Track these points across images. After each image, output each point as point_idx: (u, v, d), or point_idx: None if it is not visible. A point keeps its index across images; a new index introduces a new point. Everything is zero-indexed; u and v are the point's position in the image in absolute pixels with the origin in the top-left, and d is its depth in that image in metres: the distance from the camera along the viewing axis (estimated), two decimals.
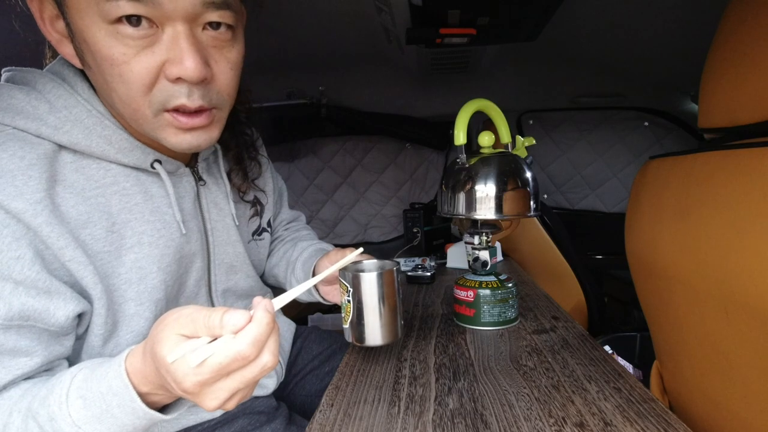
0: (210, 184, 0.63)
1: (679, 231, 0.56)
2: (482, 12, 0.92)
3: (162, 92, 0.46)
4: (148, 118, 0.48)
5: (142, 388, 0.41)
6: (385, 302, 0.59)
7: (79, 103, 0.49)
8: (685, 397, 0.65)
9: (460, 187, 0.76)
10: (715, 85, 0.55)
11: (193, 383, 0.36)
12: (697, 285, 0.53)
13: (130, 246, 0.51)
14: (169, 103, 0.47)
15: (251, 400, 0.68)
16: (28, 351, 0.45)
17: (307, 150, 1.96)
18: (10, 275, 0.42)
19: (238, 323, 0.36)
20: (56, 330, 0.46)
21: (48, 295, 0.44)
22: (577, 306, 1.46)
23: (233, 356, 0.36)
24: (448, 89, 1.69)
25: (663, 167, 0.63)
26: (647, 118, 1.81)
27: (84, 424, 0.41)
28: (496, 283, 0.80)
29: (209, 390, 0.37)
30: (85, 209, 0.48)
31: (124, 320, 0.51)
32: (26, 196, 0.43)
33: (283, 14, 1.04)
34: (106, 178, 0.51)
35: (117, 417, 0.42)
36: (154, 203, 0.54)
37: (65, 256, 0.46)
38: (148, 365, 0.40)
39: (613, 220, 1.86)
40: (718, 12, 0.54)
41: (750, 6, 0.49)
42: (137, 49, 0.44)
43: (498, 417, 0.51)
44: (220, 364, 0.36)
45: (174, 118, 0.48)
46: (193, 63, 0.44)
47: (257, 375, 0.38)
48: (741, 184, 0.47)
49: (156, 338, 0.38)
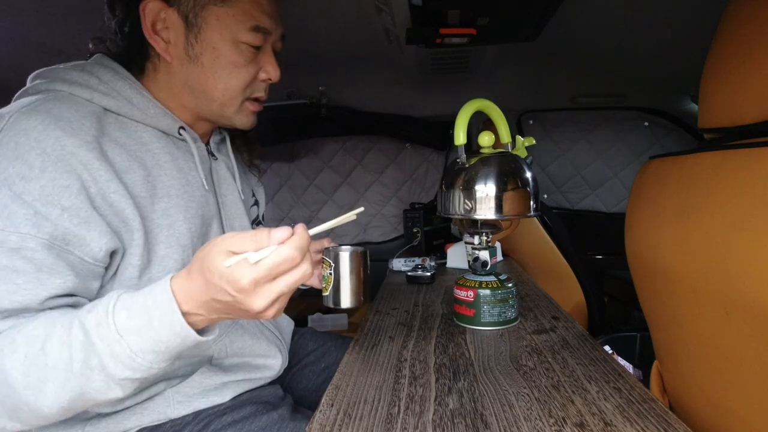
0: (220, 161, 0.73)
1: (679, 231, 0.56)
2: (482, 12, 0.92)
3: (253, 87, 0.66)
4: (236, 105, 0.66)
5: (183, 306, 0.46)
6: (356, 275, 0.74)
7: (122, 79, 0.61)
8: (685, 397, 0.65)
9: (460, 187, 0.76)
10: (715, 85, 0.55)
11: (250, 280, 0.42)
12: (697, 285, 0.53)
13: (161, 196, 0.60)
14: (253, 94, 0.67)
15: (259, 389, 0.71)
16: (63, 273, 0.50)
17: (307, 150, 1.96)
18: (59, 201, 0.50)
19: (283, 235, 0.43)
20: (89, 262, 0.52)
21: (87, 225, 0.51)
22: (577, 306, 1.46)
23: (284, 257, 0.43)
24: (448, 89, 1.69)
25: (663, 167, 0.63)
26: (647, 118, 1.81)
27: (126, 334, 0.45)
28: (496, 283, 0.80)
29: (261, 289, 0.43)
30: (127, 158, 0.57)
31: (156, 259, 0.59)
32: (81, 136, 0.53)
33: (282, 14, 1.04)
34: (142, 138, 0.61)
35: (156, 330, 0.45)
36: (180, 163, 0.64)
37: (110, 188, 0.53)
38: (194, 281, 0.45)
39: (613, 220, 1.86)
40: (718, 12, 0.54)
41: (750, 6, 0.49)
42: (249, 60, 0.64)
43: (498, 417, 0.51)
44: (274, 262, 0.43)
45: (252, 104, 0.68)
46: (277, 71, 0.67)
47: (298, 279, 0.45)
48: (741, 184, 0.47)
49: (207, 255, 0.44)
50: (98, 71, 0.60)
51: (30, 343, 0.46)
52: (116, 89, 0.60)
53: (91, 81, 0.59)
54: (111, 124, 0.58)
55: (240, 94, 0.65)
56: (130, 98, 0.61)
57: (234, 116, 0.67)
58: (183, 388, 0.64)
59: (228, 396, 0.67)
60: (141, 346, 0.45)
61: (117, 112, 0.60)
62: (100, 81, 0.59)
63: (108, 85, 0.60)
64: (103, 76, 0.60)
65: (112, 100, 0.59)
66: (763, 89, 0.46)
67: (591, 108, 1.80)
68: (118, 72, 0.61)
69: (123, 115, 0.60)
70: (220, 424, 0.62)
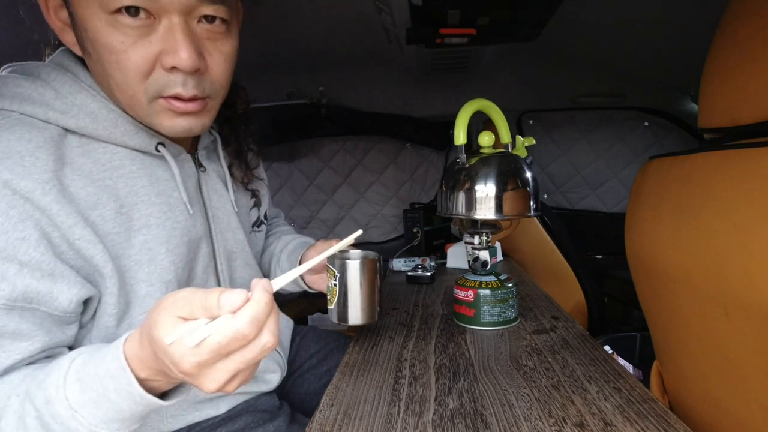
0: (210, 171, 0.64)
1: (679, 231, 0.56)
2: (482, 12, 0.92)
3: (158, 81, 0.48)
4: (143, 104, 0.50)
5: (140, 374, 0.40)
6: (366, 287, 0.64)
7: (83, 89, 0.51)
8: (685, 397, 0.65)
9: (460, 187, 0.76)
10: (715, 85, 0.54)
11: (192, 364, 0.35)
12: (697, 285, 0.53)
13: (139, 228, 0.52)
14: (164, 92, 0.49)
15: (255, 398, 0.69)
16: (30, 335, 0.45)
17: (307, 150, 1.96)
18: (15, 256, 0.42)
19: (235, 303, 0.35)
20: (59, 315, 0.46)
21: (52, 278, 0.45)
22: (577, 306, 1.46)
23: (232, 335, 0.35)
24: (448, 89, 1.69)
25: (663, 167, 0.63)
26: (647, 118, 1.81)
27: (80, 408, 0.40)
28: (496, 283, 0.80)
29: (208, 371, 0.36)
30: (94, 191, 0.49)
31: (136, 301, 0.52)
32: (34, 175, 0.44)
33: (283, 14, 1.04)
34: (112, 161, 0.52)
35: (114, 402, 0.40)
36: (160, 186, 0.56)
37: (74, 234, 0.46)
38: (145, 350, 0.39)
39: (613, 220, 1.86)
40: (718, 12, 0.54)
41: (750, 6, 0.49)
42: (134, 38, 0.46)
43: (498, 417, 0.51)
44: (219, 343, 0.35)
45: (168, 103, 0.50)
46: (186, 53, 0.47)
47: (257, 355, 0.37)
48: (741, 184, 0.47)
49: (153, 321, 0.37)
50: (55, 80, 0.50)
51: None
52: (77, 104, 0.50)
53: (47, 95, 0.49)
54: (73, 149, 0.49)
55: (139, 92, 0.49)
56: (94, 114, 0.50)
57: (153, 122, 0.52)
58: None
59: (223, 408, 0.64)
60: (101, 417, 0.41)
61: (80, 132, 0.50)
62: (57, 94, 0.49)
63: (66, 100, 0.50)
64: (62, 88, 0.50)
65: (72, 119, 0.49)
66: (763, 89, 0.46)
67: (591, 108, 1.80)
68: (79, 78, 0.51)
69: (87, 135, 0.50)
70: None
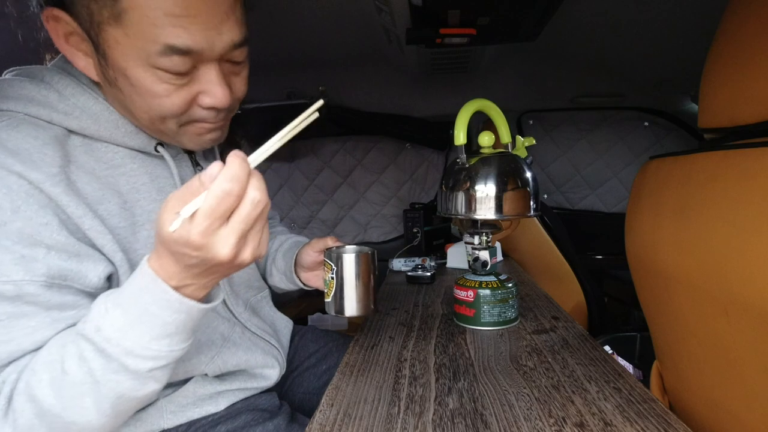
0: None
1: (679, 231, 0.56)
2: (482, 12, 0.92)
3: (192, 115, 0.53)
4: (172, 129, 0.54)
5: (170, 282, 0.43)
6: (362, 279, 0.67)
7: (85, 91, 0.54)
8: (685, 397, 0.65)
9: (460, 187, 0.76)
10: (715, 85, 0.54)
11: (197, 235, 0.38)
12: (697, 285, 0.53)
13: (142, 223, 0.55)
14: (194, 118, 0.54)
15: (255, 396, 0.70)
16: (75, 304, 0.48)
17: (307, 150, 1.96)
18: (42, 240, 0.45)
19: (213, 171, 0.39)
20: (91, 291, 0.49)
21: (78, 258, 0.48)
22: (577, 306, 1.46)
23: (218, 195, 0.38)
24: (448, 89, 1.69)
25: (663, 167, 0.63)
26: (647, 118, 1.81)
27: (128, 329, 0.43)
28: (496, 283, 0.80)
29: (216, 239, 0.39)
30: (98, 187, 0.52)
31: None
32: (44, 169, 0.47)
33: (282, 14, 1.04)
34: (114, 160, 0.55)
35: (156, 314, 0.43)
36: (160, 183, 0.59)
37: (84, 224, 0.49)
38: (163, 256, 0.42)
39: (613, 220, 1.86)
40: (718, 12, 0.54)
41: (750, 6, 0.49)
42: (177, 86, 0.50)
43: (498, 417, 0.51)
44: (210, 206, 0.38)
45: (199, 127, 0.55)
46: (222, 94, 0.52)
47: (251, 211, 0.40)
48: (741, 184, 0.47)
49: (159, 226, 0.40)
50: (58, 82, 0.53)
51: (50, 368, 0.44)
52: (79, 105, 0.52)
53: (50, 97, 0.52)
54: (77, 148, 0.52)
55: (172, 122, 0.53)
56: (96, 116, 0.53)
57: (179, 140, 0.57)
58: (176, 397, 0.62)
59: (223, 405, 0.65)
60: (149, 333, 0.44)
61: (82, 133, 0.53)
62: (60, 97, 0.52)
63: (69, 101, 0.52)
64: (64, 90, 0.53)
65: (75, 120, 0.52)
66: (763, 89, 0.46)
67: (591, 108, 1.80)
68: (81, 81, 0.54)
69: (89, 136, 0.53)
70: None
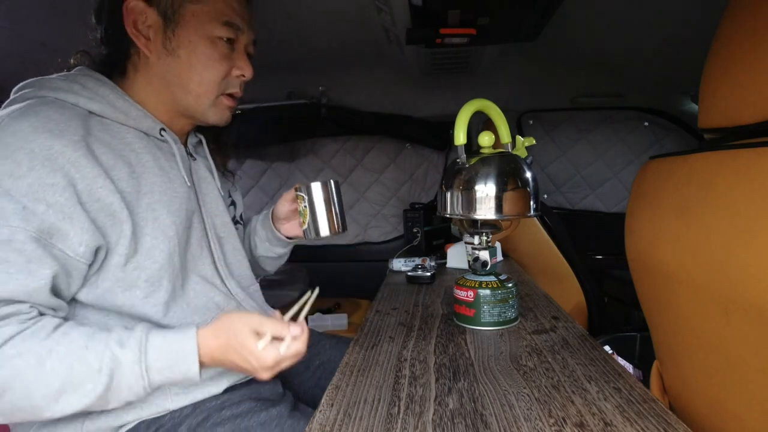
0: (199, 160, 0.78)
1: (679, 231, 0.56)
2: (482, 12, 0.92)
3: (227, 82, 0.72)
4: (210, 98, 0.71)
5: (203, 359, 0.59)
6: (330, 203, 0.78)
7: (104, 85, 0.66)
8: (685, 397, 0.65)
9: (460, 187, 0.76)
10: (715, 85, 0.55)
11: (274, 361, 0.58)
12: (697, 285, 0.53)
13: (145, 192, 0.64)
14: (228, 90, 0.72)
15: (259, 385, 0.72)
16: (49, 265, 0.55)
17: (307, 150, 1.96)
18: (45, 197, 0.54)
19: (296, 332, 0.60)
20: (71, 256, 0.56)
21: (70, 220, 0.55)
22: (577, 306, 1.46)
23: (295, 352, 0.59)
24: (448, 89, 1.69)
25: (663, 167, 0.63)
26: (647, 118, 1.81)
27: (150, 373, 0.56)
28: (496, 283, 0.80)
29: (276, 367, 0.59)
30: (112, 157, 0.62)
31: (142, 250, 0.63)
32: (68, 136, 0.57)
33: (282, 14, 1.04)
34: (125, 138, 0.66)
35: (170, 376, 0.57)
36: (162, 162, 0.69)
37: (97, 183, 0.58)
38: (220, 347, 0.59)
39: (613, 220, 1.86)
40: (718, 12, 0.54)
41: (750, 6, 0.49)
42: (223, 56, 0.69)
43: (498, 417, 0.51)
44: (291, 354, 0.59)
45: (226, 99, 0.73)
46: (250, 69, 0.73)
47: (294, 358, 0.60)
48: (741, 184, 0.47)
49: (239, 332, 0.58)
50: (81, 79, 0.65)
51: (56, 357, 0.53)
52: (99, 94, 0.65)
53: (75, 87, 0.64)
54: (96, 126, 0.63)
55: (215, 87, 0.70)
56: (112, 102, 0.65)
57: (208, 110, 0.72)
58: None
59: (223, 385, 0.68)
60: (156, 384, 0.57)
61: (101, 114, 0.64)
62: (83, 87, 0.64)
63: (91, 91, 0.65)
64: (87, 83, 0.65)
65: (95, 104, 0.64)
66: (762, 89, 0.46)
67: (591, 108, 1.80)
68: (101, 80, 0.67)
69: (107, 117, 0.65)
70: (219, 418, 0.64)
